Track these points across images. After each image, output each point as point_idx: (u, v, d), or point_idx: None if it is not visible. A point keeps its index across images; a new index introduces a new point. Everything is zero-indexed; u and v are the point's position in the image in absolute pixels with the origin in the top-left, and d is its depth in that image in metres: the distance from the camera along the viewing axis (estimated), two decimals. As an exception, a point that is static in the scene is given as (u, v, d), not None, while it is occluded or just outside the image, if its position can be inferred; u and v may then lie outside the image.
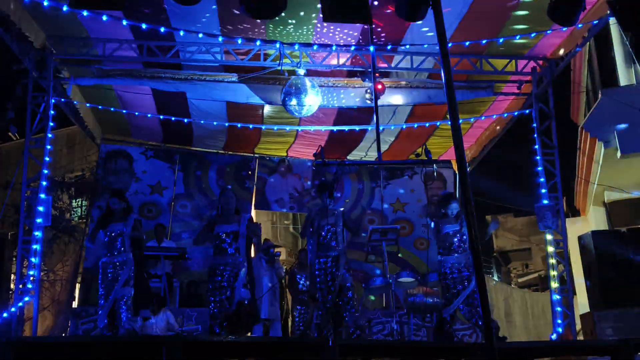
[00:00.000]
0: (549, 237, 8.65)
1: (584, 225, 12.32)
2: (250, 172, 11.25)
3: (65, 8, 6.81)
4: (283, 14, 6.53)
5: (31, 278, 7.73)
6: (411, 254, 11.36)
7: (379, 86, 8.47)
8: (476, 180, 12.85)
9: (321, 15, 6.15)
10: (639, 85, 10.08)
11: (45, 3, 6.91)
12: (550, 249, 8.64)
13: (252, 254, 7.73)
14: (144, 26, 7.49)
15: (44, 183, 8.02)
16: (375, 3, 7.25)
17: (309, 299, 8.65)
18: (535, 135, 8.96)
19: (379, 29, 7.98)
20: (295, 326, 9.02)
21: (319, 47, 8.35)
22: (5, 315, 7.18)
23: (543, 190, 8.72)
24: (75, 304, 11.09)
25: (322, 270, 6.59)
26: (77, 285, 11.52)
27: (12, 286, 8.75)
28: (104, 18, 7.31)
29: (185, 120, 9.84)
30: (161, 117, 9.76)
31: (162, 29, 7.60)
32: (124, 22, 7.49)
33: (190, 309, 8.49)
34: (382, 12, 7.41)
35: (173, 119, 9.68)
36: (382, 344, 6.13)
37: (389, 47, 8.37)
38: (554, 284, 8.54)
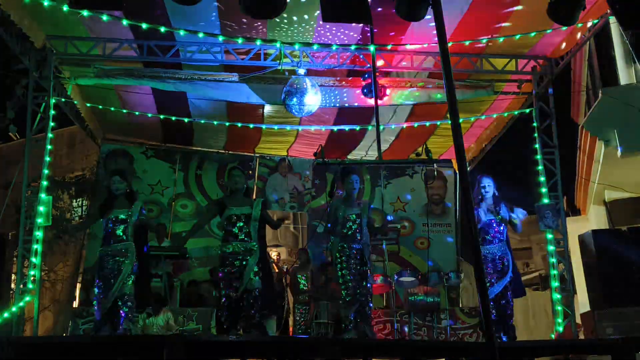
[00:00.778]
0: (549, 236, 8.64)
1: (584, 224, 12.29)
2: (250, 172, 11.25)
3: (65, 8, 6.81)
4: (283, 14, 6.53)
5: (32, 278, 7.72)
6: (412, 254, 11.37)
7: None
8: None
9: (321, 15, 6.14)
10: (639, 84, 10.04)
11: (46, 3, 6.90)
12: (551, 248, 8.64)
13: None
14: (144, 26, 7.48)
15: (45, 183, 8.02)
16: (376, 3, 7.24)
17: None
18: (536, 135, 8.97)
19: (379, 29, 7.96)
20: (296, 326, 9.04)
21: (319, 47, 8.35)
22: (6, 315, 7.19)
23: (543, 190, 8.72)
24: (75, 304, 11.11)
25: (348, 264, 6.15)
26: (78, 285, 11.53)
27: (13, 286, 8.76)
28: (104, 18, 7.30)
29: (186, 120, 9.84)
30: (161, 116, 9.75)
31: (162, 29, 7.60)
32: (124, 22, 7.48)
33: (191, 309, 8.49)
34: (382, 11, 7.40)
35: (173, 118, 9.68)
36: (383, 343, 6.12)
37: (389, 47, 8.36)
38: (555, 283, 8.53)
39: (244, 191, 6.07)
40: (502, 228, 6.26)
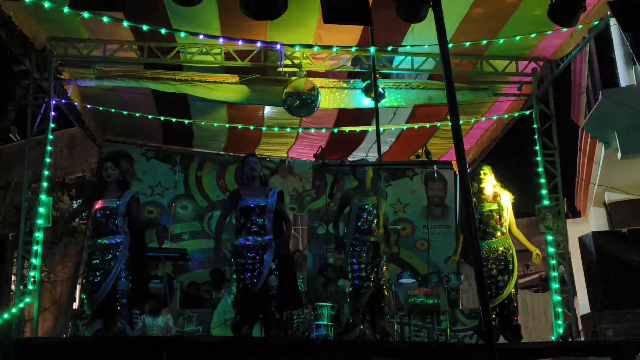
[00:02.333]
0: (549, 238, 8.64)
1: (584, 226, 12.30)
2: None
3: (66, 9, 6.81)
4: (283, 15, 6.52)
5: (32, 279, 7.72)
6: (412, 255, 11.38)
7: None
8: (477, 181, 12.80)
9: (322, 17, 6.14)
10: (639, 86, 10.06)
11: (46, 4, 6.90)
12: (551, 249, 8.63)
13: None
14: (144, 27, 7.49)
15: (45, 184, 8.02)
16: (376, 5, 7.24)
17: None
18: (536, 136, 8.96)
19: (380, 30, 7.96)
20: (294, 327, 9.02)
21: (320, 48, 8.34)
22: (6, 316, 7.18)
23: (544, 191, 8.71)
24: (76, 305, 11.10)
25: (360, 256, 5.92)
26: (78, 287, 11.51)
27: (12, 287, 8.75)
28: (105, 19, 7.31)
29: (186, 122, 9.84)
30: (162, 118, 9.75)
31: (163, 31, 7.60)
32: (125, 24, 7.48)
33: (191, 310, 8.49)
34: (383, 13, 7.40)
35: (174, 120, 9.68)
36: (383, 344, 6.12)
37: (389, 48, 8.36)
38: (555, 285, 8.52)
39: (261, 180, 5.76)
40: (502, 219, 6.07)
